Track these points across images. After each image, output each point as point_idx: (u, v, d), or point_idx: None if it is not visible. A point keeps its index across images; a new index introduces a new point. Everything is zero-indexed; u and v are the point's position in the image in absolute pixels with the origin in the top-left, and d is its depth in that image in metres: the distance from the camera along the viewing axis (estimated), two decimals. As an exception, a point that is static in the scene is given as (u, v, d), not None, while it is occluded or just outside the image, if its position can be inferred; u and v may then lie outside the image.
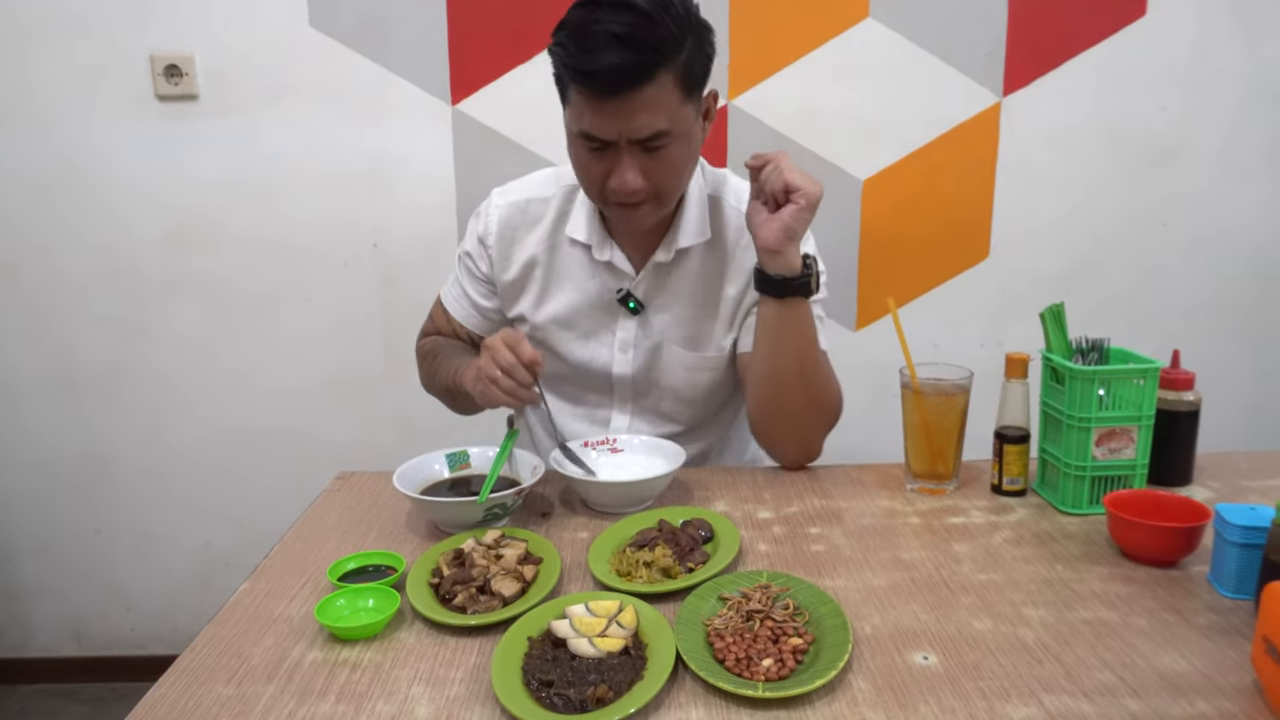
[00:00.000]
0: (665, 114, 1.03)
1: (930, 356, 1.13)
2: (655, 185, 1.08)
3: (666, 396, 1.28)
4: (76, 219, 1.94)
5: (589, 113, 1.02)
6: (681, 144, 1.07)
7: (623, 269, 1.21)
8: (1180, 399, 1.09)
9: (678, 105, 1.04)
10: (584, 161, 1.09)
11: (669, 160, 1.07)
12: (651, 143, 1.04)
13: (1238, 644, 0.77)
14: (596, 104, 1.01)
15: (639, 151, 1.05)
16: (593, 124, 1.03)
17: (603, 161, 1.07)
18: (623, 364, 1.26)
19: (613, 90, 0.99)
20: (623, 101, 1.00)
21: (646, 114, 1.01)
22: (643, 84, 0.99)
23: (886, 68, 1.88)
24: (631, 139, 1.03)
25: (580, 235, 1.21)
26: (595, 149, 1.06)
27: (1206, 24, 1.88)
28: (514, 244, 1.25)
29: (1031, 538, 0.99)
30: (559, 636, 0.76)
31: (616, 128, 1.02)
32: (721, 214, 1.23)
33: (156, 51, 1.85)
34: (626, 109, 1.01)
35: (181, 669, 0.77)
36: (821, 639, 0.77)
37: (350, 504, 1.11)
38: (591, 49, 0.98)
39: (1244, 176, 1.97)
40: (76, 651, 2.20)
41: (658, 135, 1.03)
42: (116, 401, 2.04)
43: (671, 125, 1.04)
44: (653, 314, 1.24)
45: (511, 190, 1.26)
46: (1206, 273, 2.03)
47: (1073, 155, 1.95)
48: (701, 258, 1.22)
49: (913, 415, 1.10)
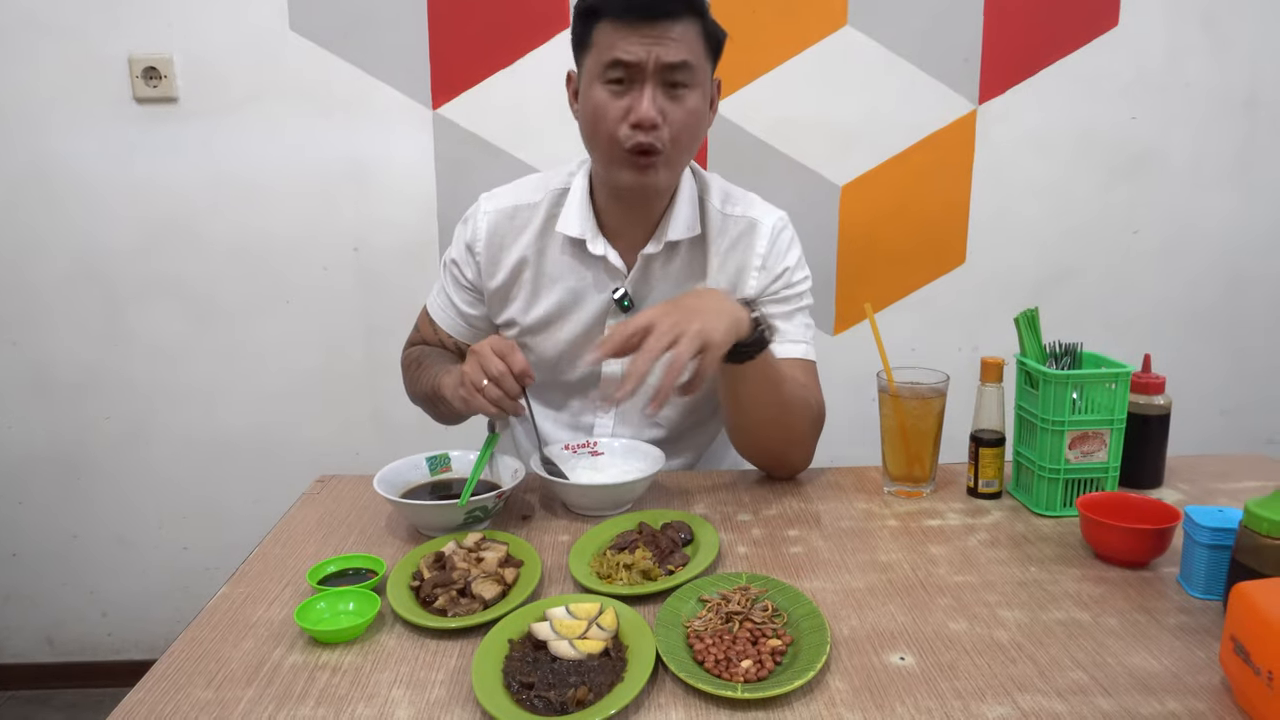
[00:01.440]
0: (690, 50, 1.07)
1: (907, 361, 1.15)
2: (672, 132, 1.09)
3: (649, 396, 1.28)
4: (53, 222, 1.92)
5: (620, 40, 1.06)
6: (699, 96, 1.10)
7: (615, 264, 1.21)
8: (1151, 403, 1.11)
9: (701, 55, 1.09)
10: (603, 104, 1.09)
11: (687, 107, 1.09)
12: (676, 76, 1.07)
13: (1207, 643, 0.79)
14: (631, 31, 1.05)
15: (662, 89, 1.07)
16: (624, 50, 1.05)
17: (624, 99, 1.08)
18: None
19: (652, 15, 1.04)
20: (658, 29, 1.04)
21: (676, 43, 1.06)
22: (676, 14, 1.05)
23: (864, 75, 1.91)
24: (661, 61, 1.05)
25: (573, 230, 1.20)
26: (619, 86, 1.08)
27: (1176, 34, 1.92)
28: (502, 249, 1.24)
29: (1006, 539, 1.01)
30: (539, 639, 0.76)
31: (646, 49, 1.05)
32: (706, 213, 1.23)
33: (135, 53, 1.83)
34: (659, 35, 1.05)
35: (160, 673, 0.77)
36: (800, 640, 0.78)
37: (330, 507, 1.11)
38: None
39: (1213, 184, 2.01)
40: (49, 657, 2.17)
41: (683, 67, 1.07)
42: (93, 406, 2.02)
43: (696, 64, 1.08)
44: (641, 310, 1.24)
45: (499, 196, 1.26)
46: (1177, 278, 2.06)
47: (1047, 162, 1.98)
48: (687, 256, 1.23)
49: (890, 419, 1.11)
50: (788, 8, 1.86)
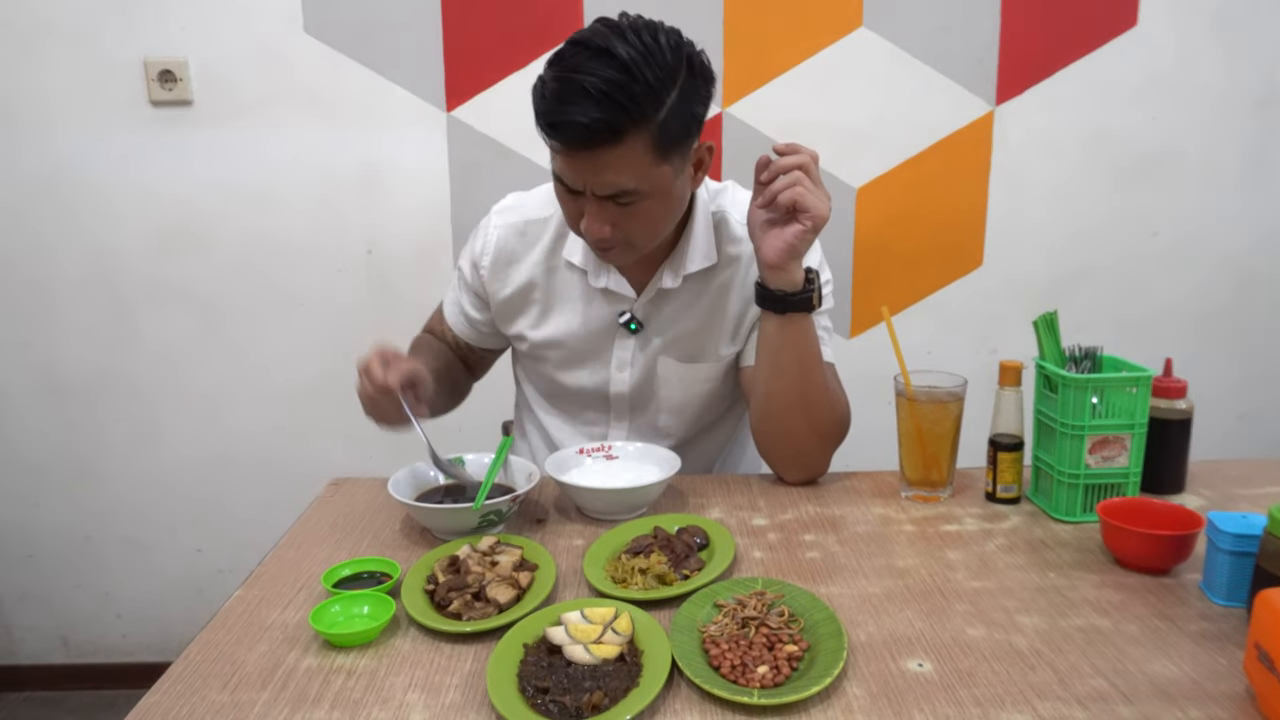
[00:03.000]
0: (633, 174, 1.00)
1: (924, 364, 1.14)
2: (626, 235, 1.06)
3: (662, 410, 1.27)
4: (68, 224, 1.94)
5: (559, 160, 1.02)
6: (654, 201, 1.04)
7: (621, 293, 1.20)
8: (1173, 407, 1.10)
9: (648, 166, 1.00)
10: (561, 199, 1.08)
11: (640, 214, 1.05)
12: (619, 199, 1.02)
13: (1229, 651, 0.78)
14: (564, 154, 1.00)
15: (609, 204, 1.03)
16: (562, 170, 1.02)
17: (576, 203, 1.05)
18: (620, 383, 1.25)
19: (576, 147, 0.98)
20: (588, 157, 0.98)
21: (611, 173, 0.99)
22: (608, 144, 0.96)
23: (879, 77, 1.90)
24: (596, 194, 1.02)
25: (576, 259, 1.19)
26: (569, 193, 1.05)
27: (1191, 36, 1.91)
28: (510, 265, 1.23)
29: (1025, 545, 1.00)
30: (554, 643, 0.76)
31: (582, 179, 1.01)
32: (727, 231, 1.21)
33: (150, 57, 1.85)
34: (591, 165, 0.99)
35: (175, 676, 0.77)
36: (816, 646, 0.77)
37: (344, 510, 1.11)
38: (564, 100, 0.96)
39: (1229, 186, 2.00)
40: (64, 659, 2.18)
41: (624, 193, 1.01)
42: (107, 407, 2.03)
43: (640, 185, 1.01)
44: (652, 332, 1.23)
45: (510, 211, 1.25)
46: (1194, 281, 2.04)
47: (1064, 164, 1.97)
48: (704, 277, 1.21)
49: (907, 423, 1.10)
50: (802, 9, 1.86)
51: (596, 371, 1.25)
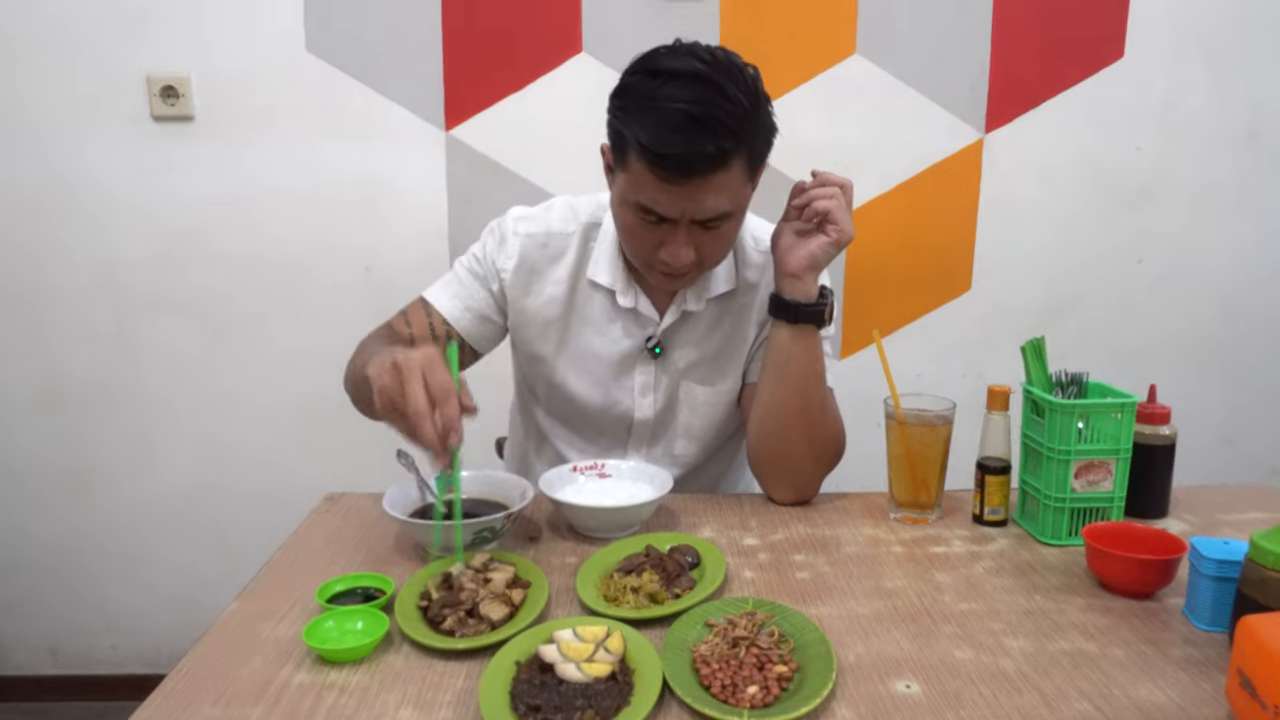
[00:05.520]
0: (731, 197, 1.02)
1: (913, 387, 1.15)
2: (704, 257, 1.08)
3: (680, 435, 1.28)
4: (68, 236, 1.94)
5: (652, 189, 1.00)
6: (736, 221, 1.08)
7: (647, 314, 1.21)
8: (1157, 433, 1.12)
9: (742, 186, 1.04)
10: (635, 229, 1.07)
11: (723, 235, 1.08)
12: (711, 223, 1.04)
13: (1212, 676, 0.79)
14: (664, 185, 0.99)
15: (697, 228, 1.04)
16: (655, 200, 1.01)
17: (656, 233, 1.05)
18: (644, 408, 1.25)
19: (687, 175, 0.97)
20: (694, 185, 0.98)
21: (714, 197, 1.01)
22: (718, 170, 0.98)
23: (872, 103, 1.92)
24: (695, 219, 1.03)
25: (603, 280, 1.19)
26: (652, 222, 1.04)
27: (1179, 67, 1.94)
28: (533, 276, 1.21)
29: (1012, 568, 1.01)
30: (546, 661, 0.76)
31: (680, 207, 1.01)
32: (743, 253, 1.24)
33: (153, 72, 1.86)
34: (696, 192, 0.99)
35: (168, 690, 0.77)
36: (806, 666, 0.78)
37: (339, 525, 1.11)
38: (665, 128, 0.95)
39: (1216, 215, 2.03)
40: (52, 669, 2.17)
41: (720, 216, 1.03)
42: (103, 419, 2.03)
43: (733, 206, 1.04)
44: (673, 356, 1.23)
45: (531, 221, 1.22)
46: (1181, 309, 2.07)
47: (1053, 191, 1.99)
48: (725, 300, 1.23)
49: (897, 445, 1.12)
50: (797, 35, 1.89)
51: (620, 396, 1.25)
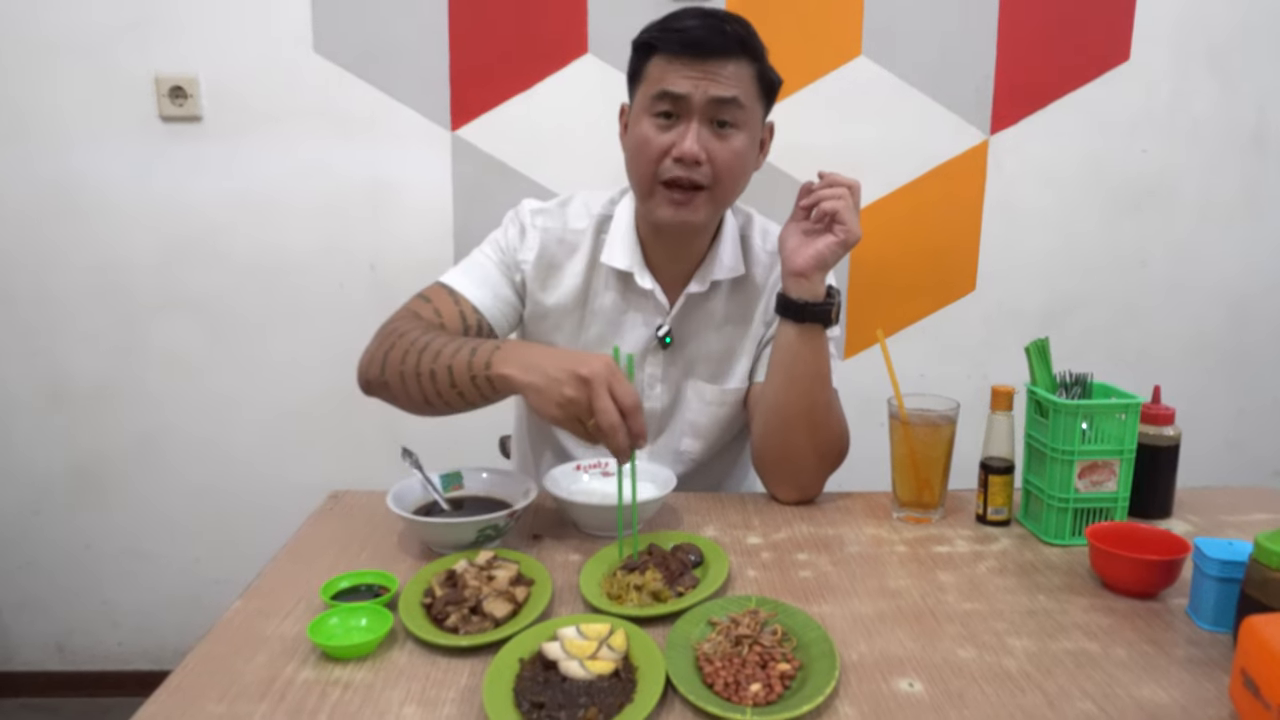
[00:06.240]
0: (741, 89, 1.08)
1: (917, 387, 1.15)
2: (715, 170, 1.10)
3: (686, 433, 1.28)
4: (75, 236, 1.95)
5: (671, 73, 1.07)
6: (746, 137, 1.11)
7: (660, 300, 1.22)
8: (1161, 434, 1.11)
9: (752, 95, 1.10)
10: (649, 136, 1.10)
11: (733, 147, 1.10)
12: (724, 114, 1.08)
13: (1216, 676, 0.79)
14: (683, 65, 1.06)
15: (709, 127, 1.09)
16: (674, 82, 1.07)
17: (669, 133, 1.09)
18: (652, 400, 1.26)
19: (705, 52, 1.06)
20: (710, 66, 1.06)
21: (726, 80, 1.07)
22: (728, 54, 1.06)
23: (877, 105, 1.93)
24: (709, 96, 1.07)
25: (619, 263, 1.19)
26: (665, 120, 1.09)
27: (1185, 71, 1.94)
28: (551, 270, 1.22)
29: (1015, 568, 1.01)
30: (550, 658, 0.76)
31: (695, 83, 1.07)
32: (750, 252, 1.25)
33: (161, 73, 1.87)
34: (711, 71, 1.06)
35: (173, 686, 0.77)
36: (809, 665, 0.78)
37: (343, 523, 1.12)
38: (686, 20, 1.07)
39: (1220, 218, 2.02)
40: (59, 666, 2.18)
41: (732, 103, 1.08)
42: (110, 417, 2.04)
43: (745, 103, 1.09)
44: (681, 348, 1.24)
45: (548, 215, 1.23)
46: (1185, 311, 2.07)
47: (1057, 194, 1.99)
48: (730, 294, 1.24)
49: (900, 445, 1.12)
50: (803, 37, 1.89)
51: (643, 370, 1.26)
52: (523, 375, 0.97)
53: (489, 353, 1.01)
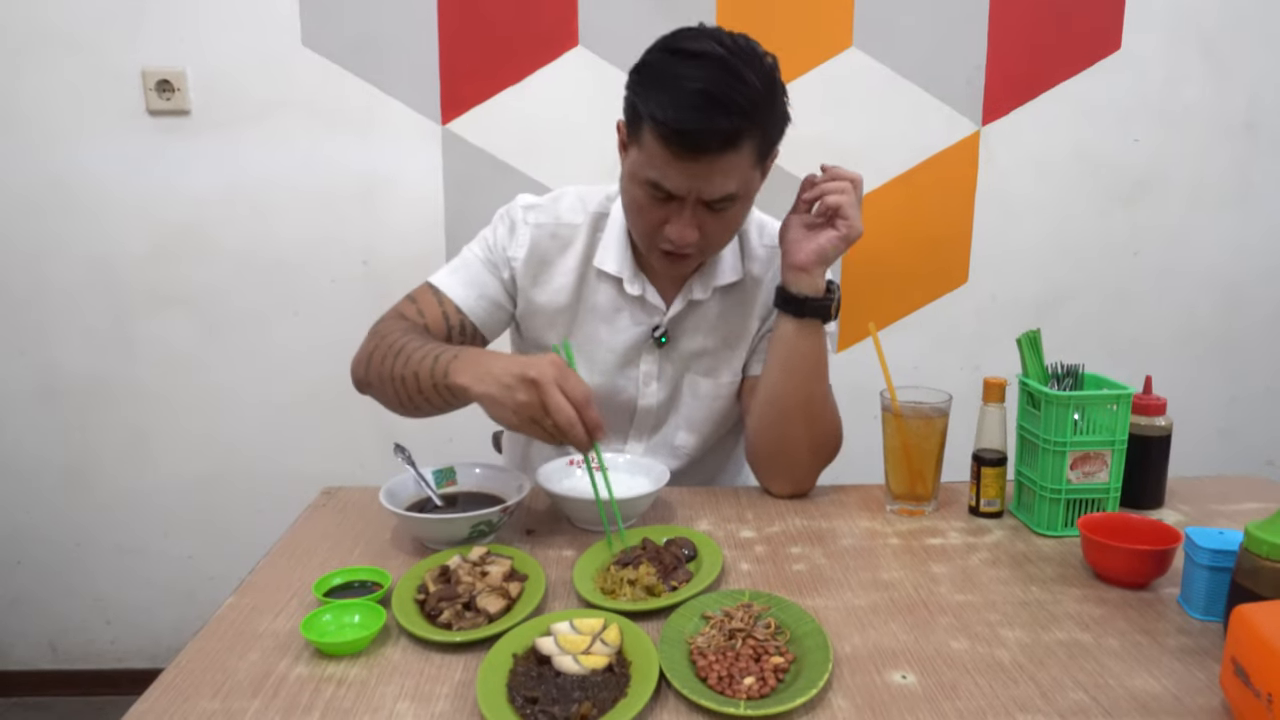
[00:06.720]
0: (738, 179, 1.03)
1: (910, 380, 1.15)
2: (708, 240, 1.09)
3: (682, 427, 1.28)
4: (64, 231, 1.94)
5: (663, 165, 1.01)
6: (742, 205, 1.08)
7: (653, 303, 1.21)
8: (1152, 424, 1.12)
9: (749, 169, 1.04)
10: (642, 207, 1.08)
11: (729, 219, 1.08)
12: (718, 204, 1.05)
13: (1207, 665, 0.79)
14: (675, 161, 1.00)
15: (703, 208, 1.05)
16: (665, 176, 1.02)
17: (662, 210, 1.06)
18: (648, 396, 1.26)
19: (698, 152, 0.99)
20: (704, 163, 1.00)
21: (722, 177, 1.02)
22: (728, 149, 0.99)
23: (869, 96, 1.92)
24: (703, 197, 1.03)
25: (610, 268, 1.19)
26: (659, 198, 1.05)
27: (1176, 59, 1.94)
28: (543, 266, 1.22)
29: (1008, 559, 1.01)
30: (544, 654, 0.77)
31: (688, 185, 1.02)
32: (748, 249, 1.24)
33: (149, 66, 1.86)
34: (705, 170, 1.00)
35: (166, 683, 0.77)
36: (802, 658, 0.78)
37: (336, 519, 1.12)
38: (682, 105, 0.96)
39: (1212, 207, 2.03)
40: (52, 664, 2.18)
41: (727, 198, 1.04)
42: (100, 414, 2.03)
43: (741, 189, 1.05)
44: (677, 346, 1.24)
45: (540, 211, 1.22)
46: (1178, 301, 2.07)
47: (1049, 184, 2.00)
48: (727, 292, 1.23)
49: (893, 438, 1.12)
50: (794, 29, 1.88)
51: (624, 385, 1.25)
52: (476, 385, 0.97)
53: (447, 361, 1.02)
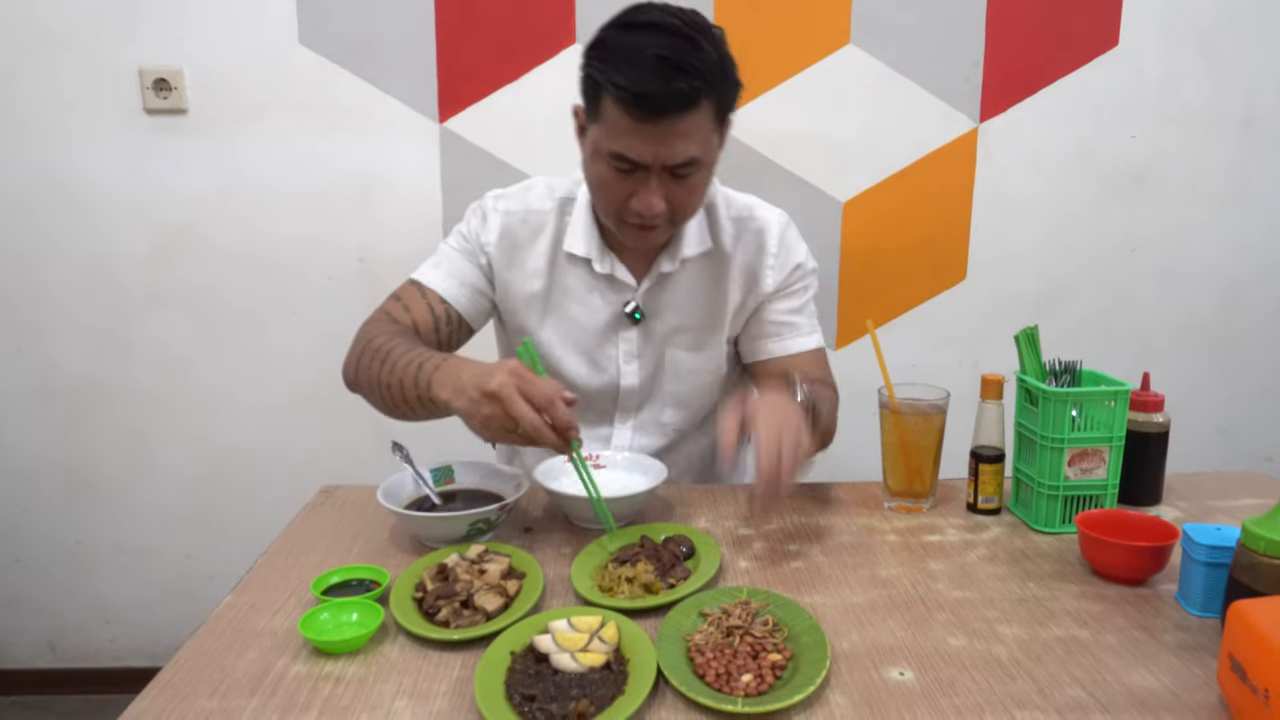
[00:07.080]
0: (699, 142, 1.04)
1: (908, 377, 1.15)
2: (675, 209, 1.09)
3: (668, 404, 1.29)
4: (62, 230, 1.93)
5: (626, 134, 1.02)
6: (705, 171, 1.09)
7: (624, 280, 1.22)
8: (1150, 420, 1.12)
9: (709, 133, 1.05)
10: (607, 181, 1.08)
11: (693, 186, 1.09)
12: (681, 169, 1.05)
13: (1204, 661, 0.79)
14: (637, 126, 1.01)
15: (667, 176, 1.06)
16: (629, 146, 1.03)
17: (628, 183, 1.07)
18: (630, 375, 1.27)
19: (659, 113, 0.99)
20: (665, 126, 1.00)
21: (683, 141, 1.02)
22: (688, 110, 1.00)
23: (867, 93, 1.92)
24: (666, 164, 1.04)
25: (579, 249, 1.21)
26: (623, 170, 1.06)
27: (1174, 55, 1.94)
28: (515, 250, 1.23)
29: (1005, 556, 1.01)
30: (541, 651, 0.77)
31: (653, 151, 1.02)
32: (716, 223, 1.25)
33: (145, 65, 1.85)
34: (667, 134, 1.01)
35: (164, 682, 0.77)
36: (800, 655, 0.78)
37: (334, 518, 1.12)
38: (642, 70, 0.97)
39: (1210, 203, 2.03)
40: (51, 663, 2.17)
41: (690, 162, 1.05)
42: (98, 413, 2.03)
43: (702, 153, 1.05)
44: (655, 322, 1.25)
45: (509, 199, 1.25)
46: (1176, 297, 2.07)
47: (1047, 180, 1.99)
48: (700, 266, 1.24)
49: (891, 435, 1.12)
50: (792, 26, 1.88)
51: (605, 365, 1.26)
52: (453, 400, 0.98)
53: (430, 372, 1.02)
